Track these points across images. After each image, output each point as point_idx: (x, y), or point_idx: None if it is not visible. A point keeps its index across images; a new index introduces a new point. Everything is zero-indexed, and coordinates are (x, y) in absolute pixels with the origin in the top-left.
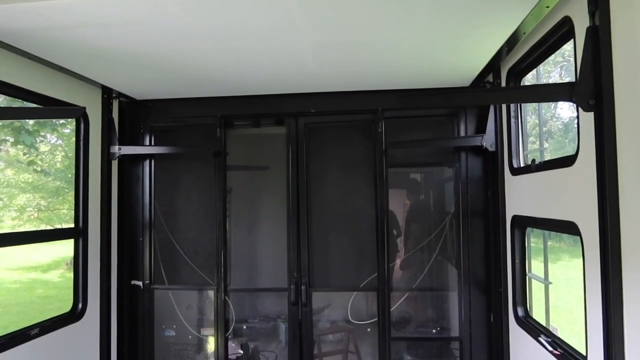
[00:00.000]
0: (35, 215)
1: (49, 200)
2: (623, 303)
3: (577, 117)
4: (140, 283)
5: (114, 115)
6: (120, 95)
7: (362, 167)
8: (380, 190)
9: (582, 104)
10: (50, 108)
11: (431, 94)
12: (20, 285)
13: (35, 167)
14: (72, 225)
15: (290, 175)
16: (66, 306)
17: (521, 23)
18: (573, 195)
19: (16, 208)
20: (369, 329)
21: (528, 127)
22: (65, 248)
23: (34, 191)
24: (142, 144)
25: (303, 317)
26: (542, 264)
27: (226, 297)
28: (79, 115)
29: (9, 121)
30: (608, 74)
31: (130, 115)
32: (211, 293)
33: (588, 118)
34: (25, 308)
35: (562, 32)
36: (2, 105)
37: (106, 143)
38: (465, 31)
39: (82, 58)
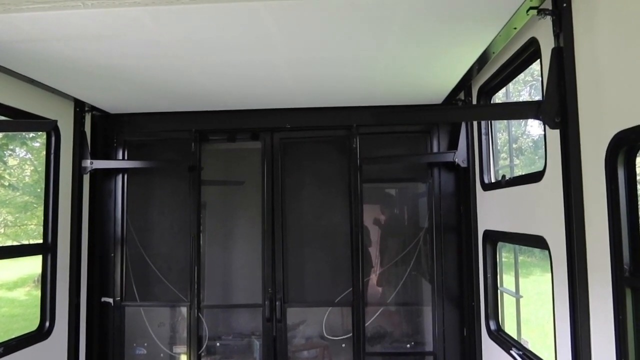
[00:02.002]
0: (1, 231)
1: (17, 215)
2: (589, 315)
3: (544, 133)
4: (110, 300)
5: (86, 129)
6: (93, 108)
7: (337, 182)
8: (355, 206)
9: (549, 122)
10: (20, 121)
11: (405, 111)
12: None
13: (2, 181)
14: (41, 241)
15: (266, 190)
16: (32, 325)
17: (490, 43)
18: (541, 210)
19: None
20: (343, 345)
21: (499, 143)
22: (33, 265)
23: (0, 206)
24: (115, 158)
25: (277, 334)
26: (514, 278)
27: (199, 314)
28: (50, 128)
29: None
30: (572, 92)
31: (103, 129)
32: (184, 309)
33: (554, 135)
34: None
35: (529, 52)
36: None
37: (78, 157)
38: (438, 50)
39: (54, 71)
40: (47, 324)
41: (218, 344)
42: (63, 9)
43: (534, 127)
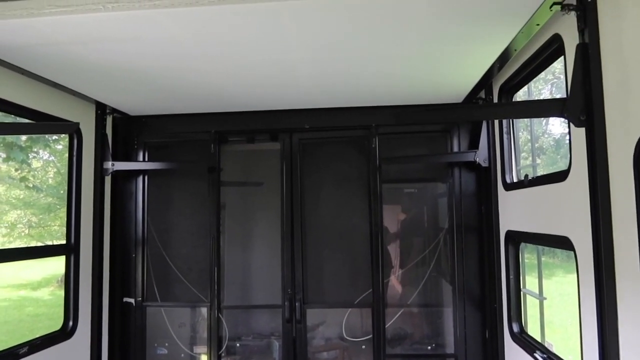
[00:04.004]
0: (26, 231)
1: (40, 216)
2: (618, 318)
3: (569, 132)
4: (132, 300)
5: (107, 131)
6: (114, 111)
7: (356, 183)
8: (375, 206)
9: (574, 120)
10: (43, 124)
11: (425, 111)
12: (9, 303)
13: (27, 183)
14: (64, 242)
15: (285, 191)
16: (56, 324)
17: (512, 40)
18: (566, 210)
19: (6, 225)
20: (363, 346)
21: (520, 143)
22: (56, 265)
23: (25, 207)
24: (136, 160)
25: (297, 334)
26: (537, 280)
27: (219, 314)
28: (73, 130)
29: (1, 137)
30: (598, 89)
31: (124, 131)
32: (204, 310)
33: (579, 133)
34: (14, 327)
35: (553, 49)
36: None
37: (99, 159)
38: (458, 49)
39: (76, 74)
40: (71, 323)
41: (238, 344)
42: (84, 12)
43: (555, 126)
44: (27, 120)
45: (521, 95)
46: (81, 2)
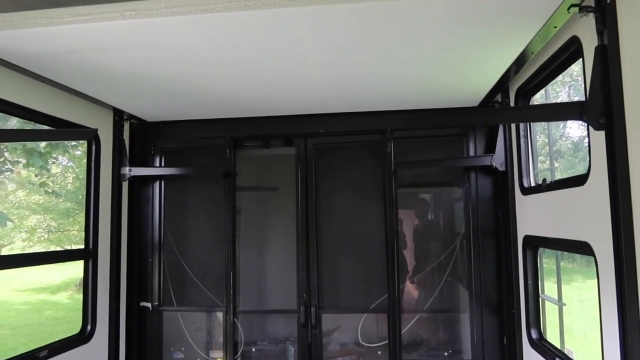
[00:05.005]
0: (46, 236)
1: (60, 221)
2: None
3: (588, 135)
4: (149, 304)
5: (124, 137)
6: (131, 117)
7: (371, 188)
8: (390, 211)
9: (593, 123)
10: (62, 130)
11: (440, 115)
12: (29, 306)
13: (46, 188)
14: (82, 247)
15: (300, 196)
16: (75, 328)
17: (529, 43)
18: (585, 214)
19: (26, 229)
20: (379, 352)
21: (537, 146)
22: (75, 269)
23: (44, 212)
24: (153, 165)
25: (312, 340)
26: (555, 285)
27: (235, 319)
28: (91, 137)
29: (21, 143)
30: (618, 92)
31: (141, 137)
32: (220, 315)
33: (599, 137)
34: (34, 330)
35: (570, 51)
36: (16, 128)
37: (117, 164)
38: (474, 53)
39: (94, 81)
40: (89, 327)
41: (253, 349)
42: (103, 20)
43: (573, 129)
44: (46, 127)
45: (538, 98)
46: (100, 11)
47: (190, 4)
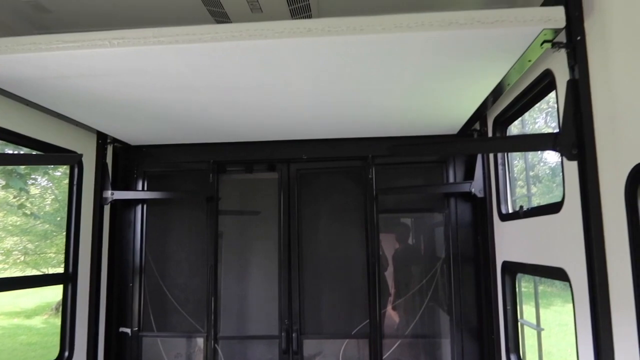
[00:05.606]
0: (22, 258)
1: (37, 243)
2: (614, 349)
3: (562, 165)
4: (128, 330)
5: (107, 160)
6: (114, 140)
7: (353, 213)
8: (371, 236)
9: (566, 153)
10: (47, 155)
11: (421, 144)
12: (2, 331)
13: (24, 210)
14: (61, 270)
15: (282, 221)
16: (50, 354)
17: (505, 75)
18: (561, 241)
19: (2, 251)
20: None
21: (516, 171)
22: (50, 293)
23: (21, 234)
24: (135, 189)
25: None
26: (534, 309)
27: (216, 345)
28: (76, 162)
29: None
30: (589, 124)
31: (124, 160)
32: (200, 340)
33: (572, 166)
34: (8, 356)
35: (544, 84)
36: None
37: (99, 188)
38: (453, 85)
39: (80, 105)
40: (67, 353)
41: None
42: (90, 47)
43: (551, 154)
44: (29, 150)
45: (516, 124)
46: (88, 38)
47: (178, 33)
